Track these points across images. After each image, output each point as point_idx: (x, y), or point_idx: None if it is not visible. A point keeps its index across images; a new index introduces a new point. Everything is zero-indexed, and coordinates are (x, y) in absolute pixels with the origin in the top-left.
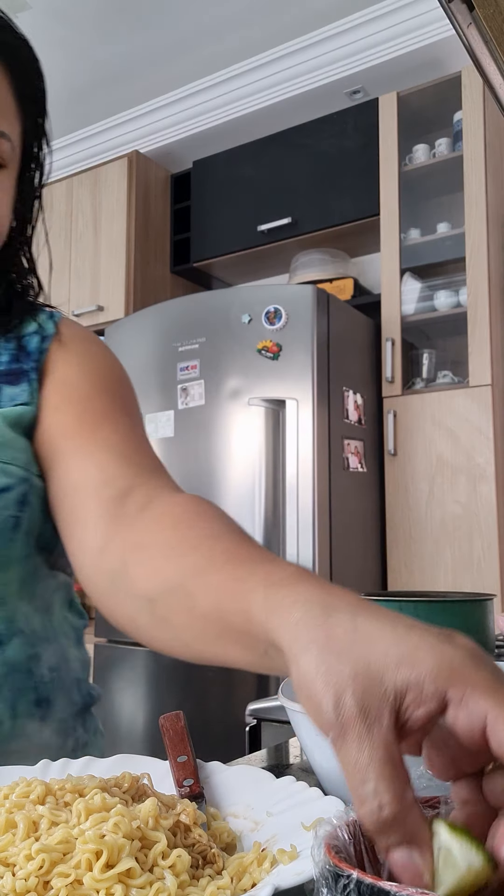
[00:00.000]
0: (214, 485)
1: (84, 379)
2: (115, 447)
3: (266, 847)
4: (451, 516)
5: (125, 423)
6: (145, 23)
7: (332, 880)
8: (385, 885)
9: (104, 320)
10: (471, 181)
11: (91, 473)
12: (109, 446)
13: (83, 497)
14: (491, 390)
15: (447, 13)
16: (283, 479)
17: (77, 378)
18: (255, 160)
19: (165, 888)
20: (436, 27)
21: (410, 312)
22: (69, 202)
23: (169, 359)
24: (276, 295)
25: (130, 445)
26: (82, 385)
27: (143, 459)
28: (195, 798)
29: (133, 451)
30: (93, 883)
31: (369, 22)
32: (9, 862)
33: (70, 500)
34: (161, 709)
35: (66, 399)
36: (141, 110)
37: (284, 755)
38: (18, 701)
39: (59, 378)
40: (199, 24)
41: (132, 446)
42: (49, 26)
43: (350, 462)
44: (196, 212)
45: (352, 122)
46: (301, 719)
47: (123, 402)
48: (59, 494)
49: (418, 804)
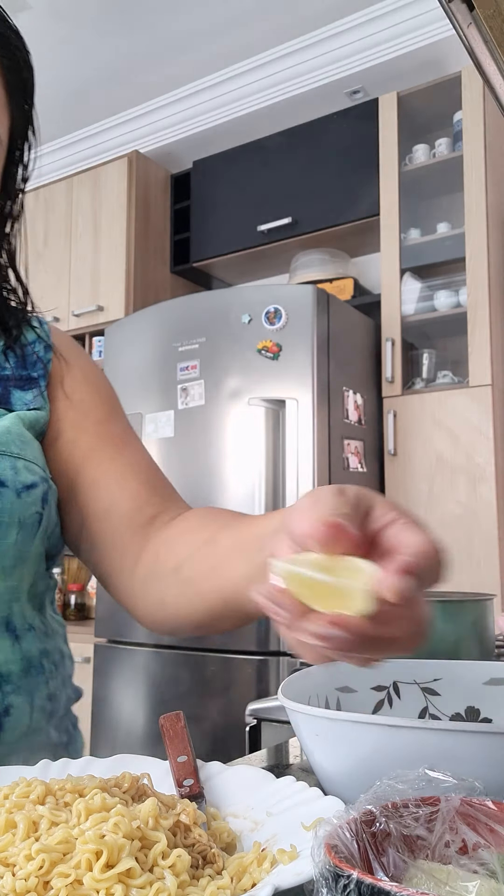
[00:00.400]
0: (214, 485)
1: (98, 399)
2: (140, 473)
3: (266, 847)
4: (451, 516)
5: (136, 445)
6: (145, 23)
7: (332, 880)
8: (385, 885)
9: (104, 320)
10: (471, 181)
11: (122, 501)
12: (135, 472)
13: (116, 524)
14: (491, 390)
15: (447, 13)
16: (283, 479)
17: (90, 399)
18: (255, 160)
19: (165, 888)
20: (436, 27)
21: (410, 312)
22: (69, 202)
23: (169, 359)
24: (276, 295)
25: (151, 470)
26: (98, 406)
27: (163, 483)
28: (195, 798)
29: (154, 475)
30: (93, 883)
31: (369, 22)
32: (9, 862)
33: (102, 526)
34: (161, 709)
35: (84, 418)
36: (141, 110)
37: (284, 755)
38: (35, 695)
39: (70, 395)
40: (199, 24)
41: (152, 471)
42: (49, 26)
43: (350, 462)
44: (196, 212)
45: (352, 122)
46: (301, 719)
47: (126, 420)
48: (88, 517)
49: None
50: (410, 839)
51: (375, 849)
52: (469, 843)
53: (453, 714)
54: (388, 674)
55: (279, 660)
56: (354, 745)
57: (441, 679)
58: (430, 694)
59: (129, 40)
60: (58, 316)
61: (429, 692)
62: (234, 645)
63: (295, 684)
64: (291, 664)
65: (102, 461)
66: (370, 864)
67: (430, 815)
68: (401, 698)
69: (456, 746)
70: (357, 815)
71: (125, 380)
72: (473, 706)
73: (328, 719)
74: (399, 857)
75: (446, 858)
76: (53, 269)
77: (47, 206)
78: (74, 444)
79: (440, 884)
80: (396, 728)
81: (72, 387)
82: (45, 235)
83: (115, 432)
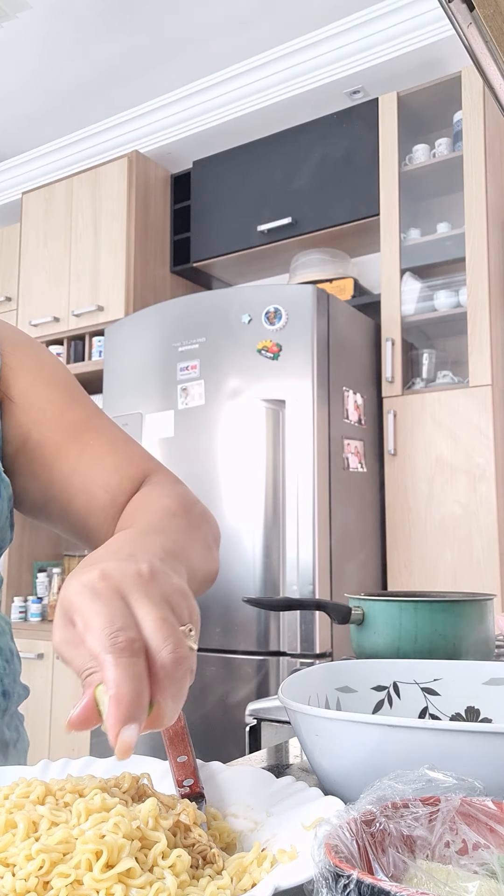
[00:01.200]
0: (214, 485)
1: (54, 391)
2: (107, 460)
3: (266, 847)
4: (451, 516)
5: (101, 425)
6: (146, 22)
7: (332, 880)
8: (385, 885)
9: (104, 320)
10: (471, 181)
11: (96, 497)
12: (102, 462)
13: (97, 519)
14: (491, 390)
15: (447, 13)
16: (283, 479)
17: (46, 392)
18: (255, 160)
19: (165, 888)
20: (436, 27)
21: (410, 312)
22: (69, 202)
23: (169, 359)
24: (276, 295)
25: (118, 452)
26: (55, 399)
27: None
28: (195, 798)
29: (122, 457)
30: (93, 883)
31: (369, 22)
32: (9, 862)
33: (84, 521)
34: None
35: (44, 415)
36: (141, 110)
37: (284, 755)
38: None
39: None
40: (199, 24)
41: (120, 453)
42: (49, 26)
43: (350, 462)
44: (196, 212)
45: (352, 122)
46: (301, 719)
47: (87, 401)
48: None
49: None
50: (410, 839)
51: (375, 849)
52: (469, 843)
53: (453, 714)
54: (388, 674)
55: (279, 660)
56: (354, 745)
57: (441, 679)
58: (430, 694)
59: (129, 40)
60: (58, 316)
61: (429, 692)
62: (234, 645)
63: (295, 684)
64: (291, 664)
65: (70, 456)
66: (370, 864)
67: (430, 815)
68: (401, 698)
69: (456, 746)
70: (357, 815)
71: (125, 380)
72: (473, 706)
73: (328, 719)
74: (399, 857)
75: (446, 858)
76: (53, 269)
77: (47, 206)
78: (43, 445)
79: (440, 884)
80: (396, 728)
81: (23, 389)
82: (45, 235)
83: (77, 420)
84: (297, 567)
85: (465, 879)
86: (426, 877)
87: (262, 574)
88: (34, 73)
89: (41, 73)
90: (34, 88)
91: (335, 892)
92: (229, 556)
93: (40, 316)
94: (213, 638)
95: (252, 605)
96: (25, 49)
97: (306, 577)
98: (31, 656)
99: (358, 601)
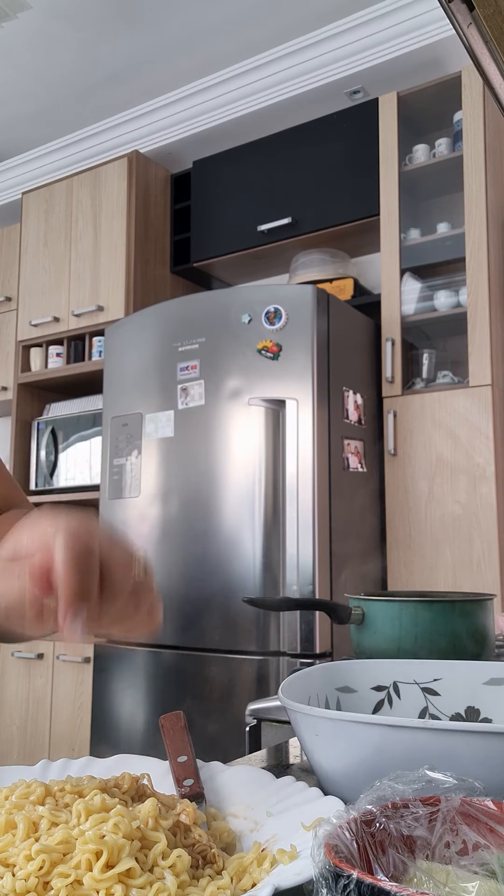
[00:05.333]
0: (214, 485)
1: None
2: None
3: (266, 847)
4: (451, 516)
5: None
6: (146, 23)
7: (332, 880)
8: (385, 885)
9: (104, 320)
10: (471, 181)
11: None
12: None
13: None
14: (491, 390)
15: (447, 13)
16: (283, 479)
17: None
18: (255, 160)
19: (165, 888)
20: (436, 27)
21: (410, 312)
22: (69, 202)
23: (169, 359)
24: (276, 295)
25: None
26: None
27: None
28: (195, 798)
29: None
30: (93, 883)
31: (369, 22)
32: (9, 862)
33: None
34: (161, 709)
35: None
36: (141, 110)
37: (284, 755)
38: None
39: None
40: (199, 24)
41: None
42: (49, 26)
43: (350, 462)
44: (196, 212)
45: (352, 122)
46: (301, 719)
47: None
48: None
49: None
50: (410, 839)
51: (375, 849)
52: (469, 844)
53: (453, 714)
54: (388, 674)
55: (279, 660)
56: (354, 745)
57: (441, 679)
58: (430, 694)
59: (129, 40)
60: (58, 316)
61: (429, 692)
62: (234, 645)
63: (295, 684)
64: (291, 664)
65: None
66: (370, 864)
67: (430, 815)
68: (401, 698)
69: (456, 746)
70: (357, 815)
71: (125, 380)
72: (473, 706)
73: (328, 719)
74: (399, 857)
75: (446, 859)
76: (53, 269)
77: (47, 206)
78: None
79: (440, 884)
80: (396, 728)
81: None
82: (45, 235)
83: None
84: (297, 567)
85: (465, 880)
86: (426, 877)
87: (261, 574)
88: (34, 73)
89: (41, 73)
90: (34, 88)
91: (335, 892)
92: (229, 555)
93: (40, 316)
94: (213, 638)
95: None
96: (25, 49)
97: (306, 577)
98: (31, 656)
99: (358, 601)
